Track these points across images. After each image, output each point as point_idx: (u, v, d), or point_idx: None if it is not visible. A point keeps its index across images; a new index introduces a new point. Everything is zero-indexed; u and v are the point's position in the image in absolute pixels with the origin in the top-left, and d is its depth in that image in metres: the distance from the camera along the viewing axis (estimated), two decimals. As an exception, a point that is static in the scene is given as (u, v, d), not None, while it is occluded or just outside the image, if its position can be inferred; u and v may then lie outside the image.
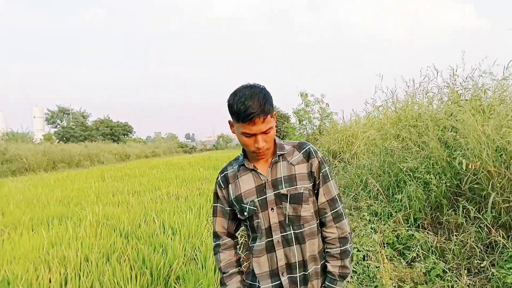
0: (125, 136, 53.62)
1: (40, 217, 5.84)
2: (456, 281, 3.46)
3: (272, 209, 1.58)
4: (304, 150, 1.66)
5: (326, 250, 1.68)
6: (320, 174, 1.64)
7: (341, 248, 1.65)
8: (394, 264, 3.97)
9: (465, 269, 3.64)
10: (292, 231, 1.59)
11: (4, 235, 4.81)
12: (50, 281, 3.16)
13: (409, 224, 4.71)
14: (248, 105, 1.43)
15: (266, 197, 1.59)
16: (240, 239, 4.74)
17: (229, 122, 1.59)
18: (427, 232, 4.43)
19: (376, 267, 3.85)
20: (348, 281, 3.64)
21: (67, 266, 3.46)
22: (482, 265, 3.57)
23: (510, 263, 3.40)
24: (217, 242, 1.74)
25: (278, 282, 1.61)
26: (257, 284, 1.65)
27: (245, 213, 1.61)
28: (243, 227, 1.78)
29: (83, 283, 3.10)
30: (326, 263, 1.67)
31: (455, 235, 4.09)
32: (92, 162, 26.58)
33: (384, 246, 4.36)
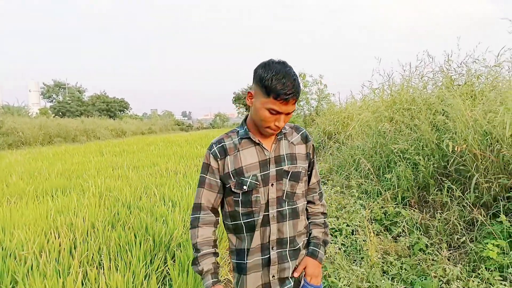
0: (121, 112, 53.57)
1: (43, 188, 6.05)
2: (437, 254, 3.72)
3: (272, 184, 1.60)
4: (301, 132, 1.73)
5: (311, 221, 1.79)
6: (314, 156, 1.76)
7: (324, 219, 1.82)
8: (380, 238, 4.23)
9: (446, 244, 3.89)
10: (287, 207, 1.63)
11: (11, 204, 5.04)
12: (59, 245, 3.39)
13: (396, 202, 4.97)
14: (287, 84, 1.43)
15: (268, 172, 1.59)
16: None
17: (250, 92, 1.58)
18: (413, 210, 4.68)
19: (363, 241, 4.10)
20: (336, 252, 3.90)
21: (75, 232, 3.70)
22: (461, 240, 3.83)
23: (487, 238, 3.65)
24: (197, 215, 1.65)
25: (267, 256, 1.63)
26: (245, 261, 1.64)
27: (245, 187, 1.58)
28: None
29: (91, 246, 3.34)
30: (311, 231, 1.78)
31: (439, 213, 4.34)
32: (89, 137, 26.71)
33: (372, 222, 4.61)
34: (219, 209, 1.72)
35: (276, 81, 1.43)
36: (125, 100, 54.64)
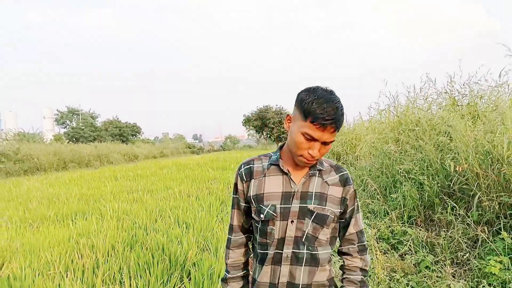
0: (134, 136, 54.37)
1: (63, 212, 6.32)
2: (442, 271, 3.86)
3: (292, 221, 1.47)
4: (341, 173, 1.56)
5: (345, 276, 1.61)
6: (355, 203, 1.58)
7: (362, 277, 1.59)
8: (387, 256, 4.38)
9: (450, 261, 4.03)
10: (305, 251, 1.48)
11: (34, 228, 5.31)
12: (83, 266, 3.63)
13: (403, 221, 5.12)
14: (328, 109, 1.35)
15: (290, 207, 1.47)
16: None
17: (288, 116, 1.51)
18: (420, 229, 4.83)
19: (370, 259, 4.25)
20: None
21: (97, 253, 3.94)
22: (465, 257, 3.97)
23: (490, 255, 3.78)
24: (230, 237, 1.67)
25: None
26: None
27: (262, 216, 1.50)
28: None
29: (112, 266, 3.57)
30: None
31: (444, 231, 4.49)
32: (102, 162, 27.09)
33: (379, 241, 4.76)
34: (250, 228, 1.68)
35: (316, 105, 1.36)
36: (137, 125, 55.54)
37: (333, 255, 1.77)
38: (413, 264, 4.16)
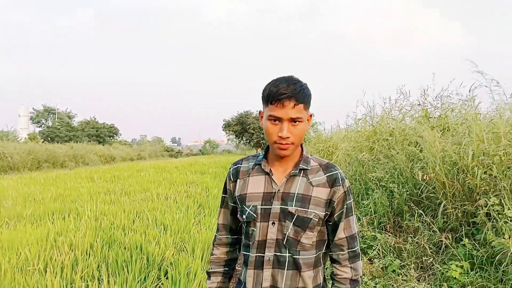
0: (111, 138, 53.66)
1: (40, 212, 6.31)
2: (408, 275, 4.08)
3: (273, 223, 1.43)
4: (330, 173, 1.47)
5: (334, 287, 1.52)
6: (344, 206, 1.47)
7: None
8: (357, 260, 4.58)
9: (416, 266, 4.27)
10: (287, 254, 1.43)
11: (10, 226, 5.32)
12: (62, 263, 3.69)
13: (374, 227, 5.35)
14: (281, 86, 1.34)
15: (270, 208, 1.43)
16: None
17: (260, 112, 1.50)
18: (388, 234, 5.06)
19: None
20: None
21: (75, 251, 4.01)
22: (429, 261, 4.22)
23: (452, 260, 4.03)
24: (216, 234, 1.67)
25: None
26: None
27: (244, 216, 1.48)
28: None
29: (91, 263, 3.66)
30: None
31: (411, 237, 4.73)
32: (77, 163, 26.68)
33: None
34: (237, 229, 1.65)
35: (272, 87, 1.36)
36: (115, 126, 54.89)
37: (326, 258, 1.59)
38: (381, 268, 4.37)
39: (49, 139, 43.64)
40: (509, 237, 3.51)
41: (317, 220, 1.43)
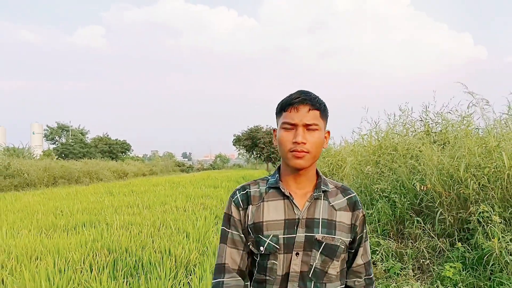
0: (123, 153, 54.52)
1: (72, 223, 6.93)
2: (406, 276, 4.56)
3: (297, 254, 1.27)
4: (349, 196, 1.38)
5: None
6: (364, 230, 1.40)
7: None
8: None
9: (414, 268, 4.75)
10: None
11: (48, 235, 5.91)
12: (104, 263, 4.28)
13: (378, 234, 5.82)
14: (295, 94, 1.29)
15: (295, 236, 1.27)
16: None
17: (274, 131, 1.39)
18: (391, 241, 5.53)
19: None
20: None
21: (114, 254, 4.59)
22: (426, 263, 4.70)
23: (447, 262, 4.51)
24: (221, 280, 1.31)
25: None
26: None
27: (261, 248, 1.29)
28: None
29: (129, 263, 4.24)
30: None
31: (411, 242, 5.20)
32: (91, 179, 27.20)
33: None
34: (246, 272, 1.37)
35: (286, 97, 1.30)
36: (127, 142, 55.84)
37: None
38: (384, 270, 4.85)
39: (63, 155, 44.47)
40: (498, 240, 3.99)
41: (343, 247, 1.32)
